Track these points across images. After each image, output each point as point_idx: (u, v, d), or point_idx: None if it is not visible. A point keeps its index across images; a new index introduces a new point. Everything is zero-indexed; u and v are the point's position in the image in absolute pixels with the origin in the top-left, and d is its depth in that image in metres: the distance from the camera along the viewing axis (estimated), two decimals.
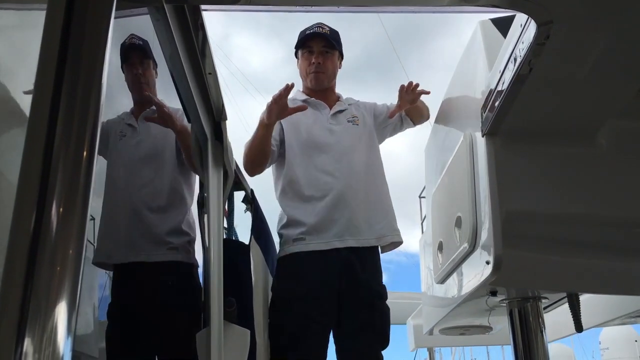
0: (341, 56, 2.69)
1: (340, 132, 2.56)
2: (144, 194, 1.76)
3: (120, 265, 1.64)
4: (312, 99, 2.63)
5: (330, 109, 2.64)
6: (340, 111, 2.64)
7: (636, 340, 7.75)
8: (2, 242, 0.61)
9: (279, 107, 2.29)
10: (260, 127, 2.38)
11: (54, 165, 0.63)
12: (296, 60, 2.69)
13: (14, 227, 0.61)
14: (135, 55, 1.58)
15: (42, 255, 0.60)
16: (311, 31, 2.59)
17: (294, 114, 2.48)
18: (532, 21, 1.24)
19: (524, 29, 1.33)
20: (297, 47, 2.64)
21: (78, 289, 0.61)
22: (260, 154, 2.42)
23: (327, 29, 2.61)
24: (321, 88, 2.65)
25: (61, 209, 0.62)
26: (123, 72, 1.55)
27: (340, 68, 2.71)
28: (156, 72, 1.64)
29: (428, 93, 2.55)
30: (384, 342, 2.41)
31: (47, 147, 0.64)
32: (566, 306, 2.09)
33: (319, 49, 2.58)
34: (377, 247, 2.47)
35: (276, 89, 2.69)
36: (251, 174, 2.48)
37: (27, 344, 0.56)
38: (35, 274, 0.58)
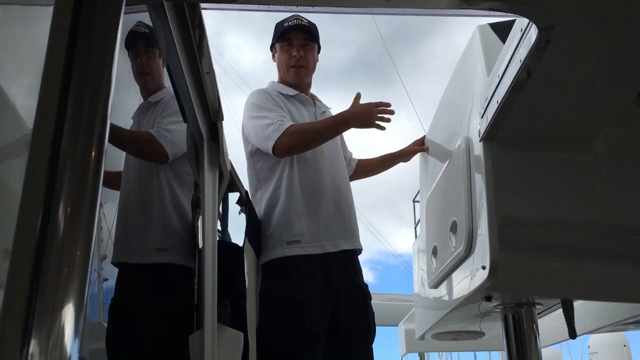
0: (319, 49, 2.62)
1: None
2: (135, 194, 1.72)
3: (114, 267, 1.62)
4: (302, 94, 2.57)
5: (314, 106, 2.60)
6: (323, 112, 2.62)
7: (625, 345, 7.77)
8: (6, 243, 0.59)
9: (373, 119, 2.35)
10: (342, 125, 2.41)
11: (61, 163, 0.60)
12: (272, 53, 2.61)
13: (19, 227, 0.58)
14: (139, 44, 1.53)
15: (48, 256, 0.58)
16: (290, 23, 2.51)
17: (287, 108, 2.46)
18: (534, 26, 1.23)
19: (525, 34, 1.33)
20: (275, 39, 2.56)
21: (86, 291, 0.59)
22: (316, 145, 2.40)
23: (306, 21, 2.54)
24: (301, 83, 2.58)
25: (69, 209, 0.60)
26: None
27: (317, 61, 2.64)
28: (162, 61, 1.58)
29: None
30: (374, 339, 2.47)
31: (54, 144, 0.61)
32: (558, 312, 2.09)
33: (299, 42, 2.51)
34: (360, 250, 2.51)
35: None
36: (282, 156, 2.38)
37: (33, 347, 0.54)
38: (42, 275, 0.56)
